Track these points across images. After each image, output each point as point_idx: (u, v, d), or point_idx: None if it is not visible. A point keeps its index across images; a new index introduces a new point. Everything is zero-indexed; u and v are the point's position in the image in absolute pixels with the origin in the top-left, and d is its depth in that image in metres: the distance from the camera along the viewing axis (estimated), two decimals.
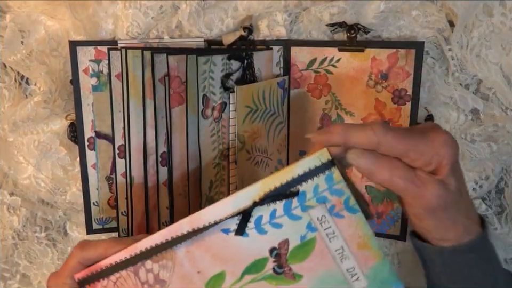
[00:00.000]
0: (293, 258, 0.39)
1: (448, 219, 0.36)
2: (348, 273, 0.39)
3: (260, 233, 0.38)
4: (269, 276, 0.39)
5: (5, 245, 0.64)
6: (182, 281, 0.40)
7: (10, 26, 0.57)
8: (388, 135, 0.33)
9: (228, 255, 0.39)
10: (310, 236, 0.38)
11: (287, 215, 0.38)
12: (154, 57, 0.48)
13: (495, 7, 0.53)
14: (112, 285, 0.41)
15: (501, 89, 0.56)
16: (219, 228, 0.38)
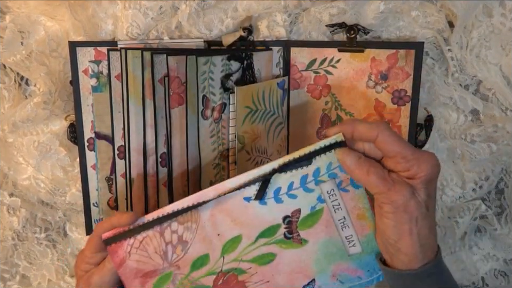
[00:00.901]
0: (302, 226, 0.44)
1: (409, 230, 0.39)
2: (346, 240, 0.44)
3: (277, 202, 0.43)
4: (280, 240, 0.44)
5: (4, 245, 0.64)
6: (202, 242, 0.44)
7: (10, 27, 0.57)
8: (387, 132, 0.39)
9: (246, 220, 0.44)
10: (319, 207, 0.44)
11: (302, 187, 0.43)
12: (154, 57, 0.48)
13: (494, 8, 0.53)
14: (138, 244, 0.44)
15: (500, 89, 0.56)
16: (241, 195, 0.43)
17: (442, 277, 0.41)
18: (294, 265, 0.45)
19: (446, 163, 0.59)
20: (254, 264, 0.45)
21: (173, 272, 0.45)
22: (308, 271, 0.45)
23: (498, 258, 0.61)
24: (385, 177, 0.39)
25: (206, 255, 0.45)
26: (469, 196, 0.59)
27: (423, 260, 0.40)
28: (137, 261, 0.44)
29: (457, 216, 0.59)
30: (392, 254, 0.41)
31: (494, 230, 0.60)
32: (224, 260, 0.45)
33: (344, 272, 0.45)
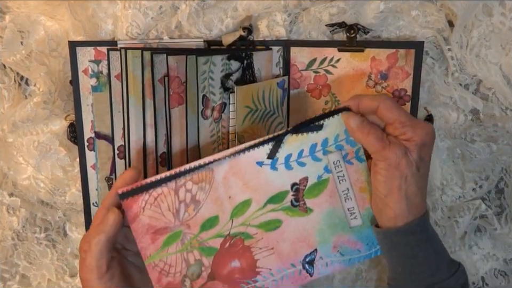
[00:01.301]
0: (308, 194, 0.47)
1: (398, 185, 0.43)
2: (349, 212, 0.47)
3: (287, 169, 0.46)
4: (287, 207, 0.47)
5: (4, 245, 0.64)
6: (214, 203, 0.46)
7: (9, 27, 0.57)
8: (387, 101, 0.43)
9: (257, 185, 0.46)
10: (325, 176, 0.46)
11: (311, 156, 0.46)
12: (154, 57, 0.48)
13: (494, 7, 0.53)
14: (153, 200, 0.45)
15: (500, 89, 0.56)
16: (254, 159, 0.46)
17: (427, 237, 0.44)
18: (298, 234, 0.47)
19: (446, 163, 0.59)
20: (260, 229, 0.47)
21: (183, 231, 0.46)
22: (311, 240, 0.47)
23: (498, 258, 0.61)
24: (382, 138, 0.43)
25: (216, 217, 0.46)
26: (469, 195, 0.59)
27: (408, 217, 0.43)
28: (150, 217, 0.45)
29: (457, 216, 0.59)
30: (380, 210, 0.45)
31: (494, 230, 0.60)
32: (233, 223, 0.47)
33: (345, 244, 0.47)
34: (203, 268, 0.47)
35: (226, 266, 0.47)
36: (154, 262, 0.46)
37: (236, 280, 0.47)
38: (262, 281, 0.48)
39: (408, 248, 0.44)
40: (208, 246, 0.47)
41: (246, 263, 0.47)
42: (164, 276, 0.47)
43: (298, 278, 0.48)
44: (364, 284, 0.63)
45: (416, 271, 0.44)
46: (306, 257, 0.48)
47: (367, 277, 0.63)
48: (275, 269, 0.48)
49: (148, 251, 0.46)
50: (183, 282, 0.47)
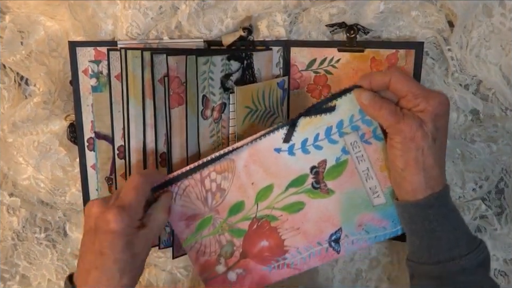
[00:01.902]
0: (328, 176, 0.48)
1: (415, 158, 0.42)
2: (371, 191, 0.48)
3: (304, 153, 0.48)
4: (308, 189, 0.49)
5: (4, 245, 0.64)
6: (238, 190, 0.49)
7: (9, 27, 0.57)
8: (399, 74, 0.43)
9: (277, 171, 0.48)
10: (343, 158, 0.47)
11: (327, 139, 0.47)
12: (154, 57, 0.48)
13: (494, 8, 0.53)
14: (182, 191, 0.50)
15: (500, 89, 0.56)
16: (272, 146, 0.48)
17: (446, 212, 0.44)
18: (321, 214, 0.49)
19: (446, 163, 0.59)
20: (284, 212, 0.49)
21: (213, 216, 0.51)
22: (334, 220, 0.49)
23: (498, 258, 0.61)
24: (395, 111, 0.43)
25: (242, 202, 0.50)
26: (469, 195, 0.59)
27: (427, 190, 0.43)
28: (181, 206, 0.50)
29: None
30: (399, 184, 0.45)
31: (494, 230, 0.60)
32: (258, 207, 0.50)
33: (370, 222, 0.48)
34: (235, 247, 0.51)
35: (256, 245, 0.51)
36: (191, 244, 0.52)
37: (266, 257, 0.51)
38: (290, 259, 0.51)
39: (427, 222, 0.44)
40: (237, 228, 0.51)
41: (274, 243, 0.50)
42: (200, 255, 0.52)
43: (326, 255, 0.50)
44: (364, 283, 0.63)
45: (433, 245, 0.44)
46: (332, 236, 0.49)
47: (367, 277, 0.63)
48: (302, 247, 0.50)
49: (184, 235, 0.51)
50: (218, 261, 0.52)
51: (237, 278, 0.52)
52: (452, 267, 0.43)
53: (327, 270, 0.63)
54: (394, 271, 0.63)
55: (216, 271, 0.52)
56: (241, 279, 0.52)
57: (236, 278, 0.52)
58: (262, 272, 0.52)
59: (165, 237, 0.55)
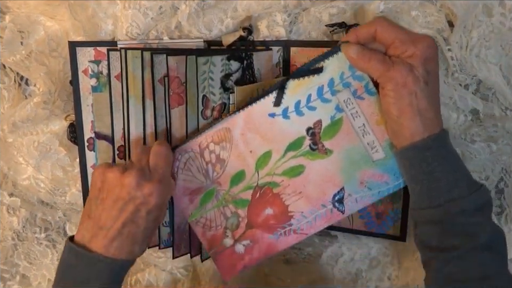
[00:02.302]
0: (325, 136, 0.48)
1: (409, 103, 0.42)
2: (369, 147, 0.47)
3: (299, 115, 0.48)
4: (306, 152, 0.48)
5: (4, 245, 0.64)
6: (237, 159, 0.50)
7: (9, 27, 0.57)
8: (384, 22, 0.43)
9: (274, 136, 0.48)
10: (338, 116, 0.47)
11: (319, 98, 0.47)
12: (154, 57, 0.48)
13: (494, 7, 0.53)
14: (183, 165, 0.50)
15: (500, 89, 0.56)
16: (266, 112, 0.48)
17: (445, 153, 0.44)
18: (322, 176, 0.49)
19: None
20: (285, 177, 0.49)
21: (216, 188, 0.51)
22: (336, 180, 0.49)
23: None
24: (384, 59, 0.43)
25: (242, 171, 0.50)
26: None
27: (424, 133, 0.43)
28: (184, 180, 0.51)
29: None
30: (396, 132, 0.45)
31: None
32: (259, 175, 0.50)
33: (371, 178, 0.48)
34: (240, 218, 0.51)
35: (260, 214, 0.51)
36: (196, 219, 0.52)
37: (271, 225, 0.51)
38: (296, 224, 0.50)
39: (424, 164, 0.43)
40: (240, 198, 0.51)
41: (278, 209, 0.50)
42: (206, 230, 0.52)
43: (331, 216, 0.50)
44: (364, 283, 0.63)
45: (433, 188, 0.43)
46: (335, 196, 0.49)
47: (367, 276, 0.63)
48: (307, 211, 0.50)
49: (188, 210, 0.52)
50: (224, 234, 0.52)
51: (245, 250, 0.52)
52: (451, 208, 0.43)
53: (327, 270, 0.63)
54: (395, 271, 0.63)
55: (224, 244, 0.52)
56: (249, 250, 0.52)
57: (244, 249, 0.52)
58: (269, 241, 0.51)
59: (165, 237, 0.55)
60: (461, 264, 0.43)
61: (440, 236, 0.44)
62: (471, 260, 0.43)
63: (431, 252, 0.45)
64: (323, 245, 0.63)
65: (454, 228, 0.43)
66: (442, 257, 0.44)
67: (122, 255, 0.45)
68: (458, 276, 0.43)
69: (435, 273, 0.44)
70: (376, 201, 0.56)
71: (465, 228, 0.43)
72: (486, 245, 0.43)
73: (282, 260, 0.65)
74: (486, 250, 0.43)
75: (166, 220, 0.54)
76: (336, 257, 0.63)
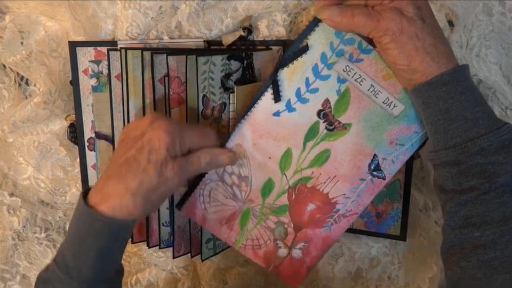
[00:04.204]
0: (337, 112, 0.46)
1: (414, 47, 0.39)
2: (385, 105, 0.45)
3: (303, 103, 0.46)
4: (325, 135, 0.47)
5: (5, 245, 0.64)
6: (260, 170, 0.48)
7: (9, 27, 0.57)
8: None
9: (287, 133, 0.47)
10: (343, 88, 0.45)
11: (318, 78, 0.45)
12: (154, 57, 0.48)
13: (494, 7, 0.53)
14: (208, 198, 0.49)
15: (500, 89, 0.56)
16: (269, 113, 0.47)
17: (463, 89, 0.40)
18: (350, 151, 0.47)
19: None
20: (314, 167, 0.48)
21: (249, 206, 0.50)
22: (365, 150, 0.47)
23: None
24: (370, 12, 0.40)
25: (269, 180, 0.49)
26: None
27: (440, 69, 0.40)
28: (215, 212, 0.50)
29: None
30: (411, 80, 0.42)
31: None
32: (287, 177, 0.48)
33: (399, 134, 0.46)
34: (285, 225, 0.50)
35: (304, 213, 0.49)
36: (243, 244, 0.51)
37: (319, 219, 0.49)
38: (343, 208, 0.49)
39: (441, 102, 0.40)
40: (278, 206, 0.49)
41: (320, 201, 0.49)
42: (257, 249, 0.51)
43: (373, 187, 0.48)
44: (364, 283, 0.63)
45: (450, 127, 0.41)
46: (370, 166, 0.47)
47: (367, 276, 0.63)
48: (348, 192, 0.48)
49: (232, 239, 0.51)
50: (276, 246, 0.50)
51: (302, 253, 0.50)
52: (469, 148, 0.40)
53: (327, 270, 0.63)
54: (395, 271, 0.63)
55: (280, 256, 0.51)
56: (306, 251, 0.50)
57: (301, 253, 0.51)
58: (322, 235, 0.50)
59: (166, 237, 0.55)
60: (479, 206, 0.40)
61: (456, 178, 0.41)
62: (490, 202, 0.40)
63: (447, 194, 0.42)
64: None
65: (472, 169, 0.40)
66: (458, 199, 0.41)
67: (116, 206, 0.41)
68: (476, 219, 0.40)
69: (451, 216, 0.42)
70: (376, 201, 0.57)
71: (484, 168, 0.40)
72: (507, 186, 0.40)
73: None
74: (507, 192, 0.40)
75: (166, 220, 0.54)
76: (337, 257, 0.63)
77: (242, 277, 0.64)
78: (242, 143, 0.48)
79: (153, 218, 0.55)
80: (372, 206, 0.57)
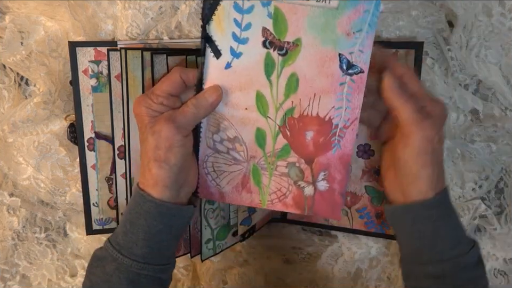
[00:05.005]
0: (279, 33, 0.44)
1: (431, 161, 0.43)
2: (320, 3, 0.43)
3: (245, 43, 0.45)
4: (282, 61, 0.45)
5: (4, 245, 0.64)
6: (244, 125, 0.48)
7: (9, 27, 0.57)
8: (411, 71, 0.44)
9: (247, 78, 0.46)
10: (271, 9, 0.43)
11: (244, 13, 0.44)
12: (154, 57, 0.48)
13: (494, 7, 0.53)
14: (213, 172, 0.50)
15: (500, 89, 0.56)
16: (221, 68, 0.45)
17: (449, 211, 0.45)
18: (314, 64, 0.45)
19: (446, 163, 0.59)
20: (290, 97, 0.46)
21: (254, 162, 0.49)
22: (328, 55, 0.44)
23: (498, 258, 0.61)
24: (422, 109, 0.43)
25: (258, 129, 0.48)
26: (468, 195, 0.59)
27: (436, 189, 0.44)
28: (228, 184, 0.50)
29: None
30: (410, 184, 0.44)
31: (494, 230, 0.60)
32: (272, 118, 0.47)
33: (351, 22, 0.43)
34: (296, 163, 0.48)
35: (306, 143, 0.48)
36: (269, 201, 0.50)
37: (324, 142, 0.47)
38: (339, 120, 0.46)
39: (431, 221, 0.44)
40: (279, 149, 0.48)
41: (315, 125, 0.47)
42: (284, 199, 0.50)
43: (357, 84, 0.45)
44: (363, 283, 0.63)
45: (437, 244, 0.44)
46: (342, 67, 0.44)
47: (366, 276, 0.63)
48: (335, 102, 0.46)
49: (256, 200, 0.50)
50: (299, 187, 0.49)
51: (327, 181, 0.49)
52: (455, 265, 0.44)
53: (326, 270, 0.63)
54: (394, 271, 0.63)
55: (308, 195, 0.49)
56: (330, 179, 0.48)
57: (326, 182, 0.49)
58: (336, 155, 0.47)
59: None
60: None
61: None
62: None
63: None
64: (323, 244, 0.63)
65: (454, 283, 0.44)
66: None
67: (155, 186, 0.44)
68: None
69: None
70: (376, 202, 0.57)
71: (465, 283, 0.44)
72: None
73: (282, 260, 0.65)
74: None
75: None
76: (336, 257, 0.63)
77: (242, 277, 0.64)
78: (216, 110, 0.47)
79: None
80: (371, 207, 0.57)
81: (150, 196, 0.44)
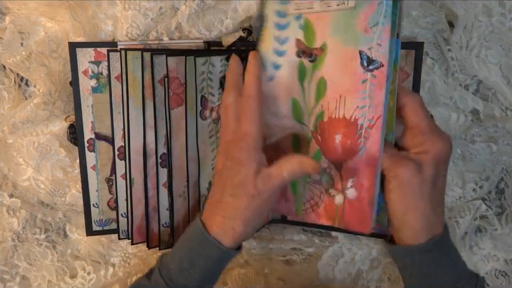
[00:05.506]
0: (309, 42, 0.47)
1: (414, 204, 0.41)
2: (340, 6, 0.45)
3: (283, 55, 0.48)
4: (312, 67, 0.47)
5: (4, 247, 0.64)
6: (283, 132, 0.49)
7: (9, 28, 0.57)
8: (417, 102, 0.43)
9: (285, 87, 0.48)
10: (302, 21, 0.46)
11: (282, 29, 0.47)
12: (154, 58, 0.48)
13: (494, 8, 0.53)
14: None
15: (500, 89, 0.56)
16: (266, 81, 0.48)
17: (445, 253, 0.44)
18: (339, 65, 0.46)
19: None
20: (320, 101, 0.47)
21: None
22: (349, 54, 0.45)
23: (498, 258, 0.61)
24: (393, 153, 0.42)
25: (294, 136, 0.49)
26: (469, 196, 0.59)
27: (427, 235, 0.42)
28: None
29: (458, 216, 0.59)
30: (398, 227, 0.43)
31: (495, 230, 0.60)
32: (305, 123, 0.48)
33: (367, 18, 0.44)
34: (327, 170, 0.48)
35: (335, 147, 0.47)
36: (303, 210, 0.50)
37: (351, 145, 0.46)
38: (363, 120, 0.45)
39: (425, 266, 0.43)
40: (312, 156, 0.48)
41: (342, 127, 0.46)
42: (316, 209, 0.50)
43: (379, 79, 0.44)
44: (364, 284, 0.63)
45: (432, 285, 0.44)
46: (363, 64, 0.45)
47: (367, 277, 0.63)
48: (359, 101, 0.45)
49: (292, 209, 0.51)
50: (330, 195, 0.49)
51: (356, 189, 0.47)
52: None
53: (327, 271, 0.63)
54: (395, 272, 0.63)
55: (338, 204, 0.48)
56: (359, 186, 0.46)
57: (355, 190, 0.47)
58: (363, 159, 0.46)
59: (166, 238, 0.55)
60: None
61: None
62: None
63: None
64: (323, 245, 0.63)
65: None
66: None
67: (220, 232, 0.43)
68: None
69: None
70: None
71: None
72: None
73: (282, 260, 0.65)
74: None
75: (166, 221, 0.54)
76: (337, 258, 0.63)
77: (242, 278, 0.64)
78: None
79: (153, 220, 0.55)
80: None
81: (220, 243, 0.43)
